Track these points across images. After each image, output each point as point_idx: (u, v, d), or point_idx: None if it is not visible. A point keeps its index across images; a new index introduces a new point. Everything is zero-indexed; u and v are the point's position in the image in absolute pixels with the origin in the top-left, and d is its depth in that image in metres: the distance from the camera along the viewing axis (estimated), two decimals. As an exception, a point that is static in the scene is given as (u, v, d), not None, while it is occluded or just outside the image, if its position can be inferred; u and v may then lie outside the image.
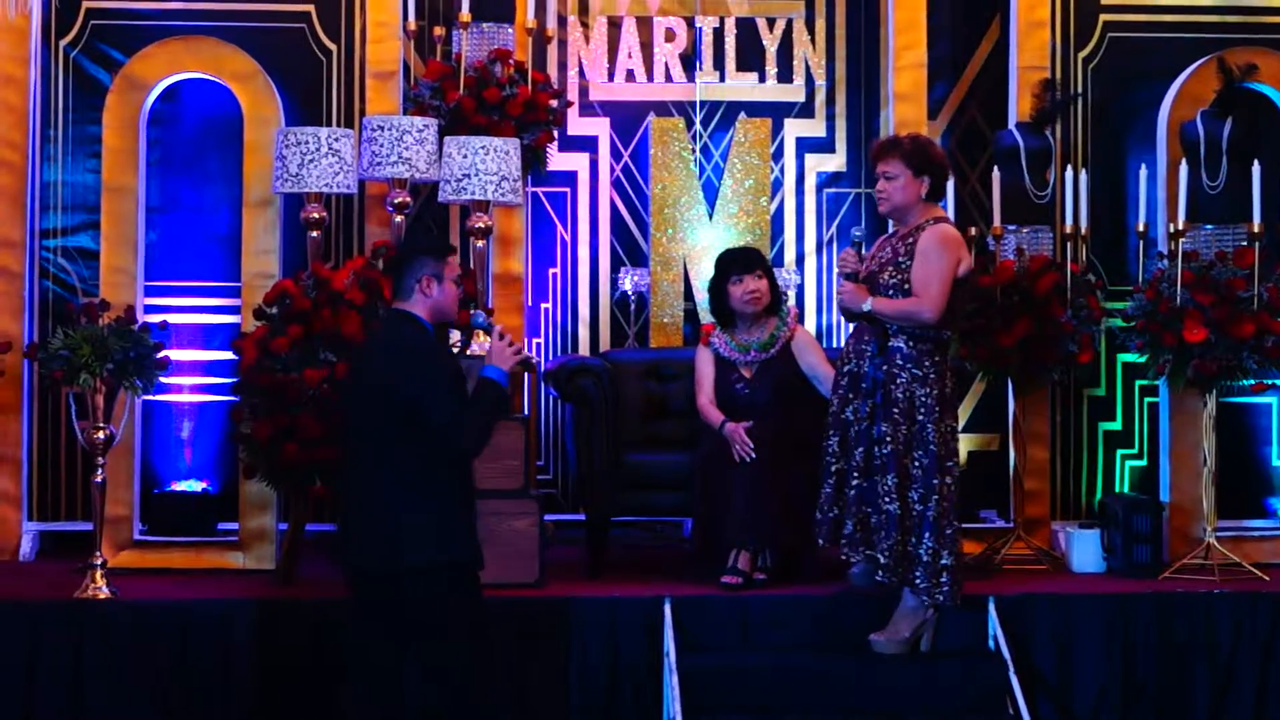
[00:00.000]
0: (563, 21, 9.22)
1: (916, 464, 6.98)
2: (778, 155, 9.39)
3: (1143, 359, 8.20)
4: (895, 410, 6.96)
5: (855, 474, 7.02)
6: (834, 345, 8.99)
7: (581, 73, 9.37)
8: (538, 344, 9.21)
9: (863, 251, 7.17)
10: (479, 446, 6.03)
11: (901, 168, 7.07)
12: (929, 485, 6.97)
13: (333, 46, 9.09)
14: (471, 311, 6.36)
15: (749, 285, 7.85)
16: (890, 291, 6.99)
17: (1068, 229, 8.40)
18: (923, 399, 6.98)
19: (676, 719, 6.79)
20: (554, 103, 8.68)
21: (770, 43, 9.44)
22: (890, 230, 7.29)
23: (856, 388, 7.08)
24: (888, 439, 6.96)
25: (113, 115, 8.34)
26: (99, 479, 7.44)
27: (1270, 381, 8.32)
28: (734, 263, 7.95)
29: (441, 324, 6.35)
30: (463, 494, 6.06)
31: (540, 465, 9.07)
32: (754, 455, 7.54)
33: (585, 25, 9.37)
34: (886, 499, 6.94)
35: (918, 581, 6.96)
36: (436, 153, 8.05)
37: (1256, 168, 7.96)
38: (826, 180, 9.44)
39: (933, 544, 6.95)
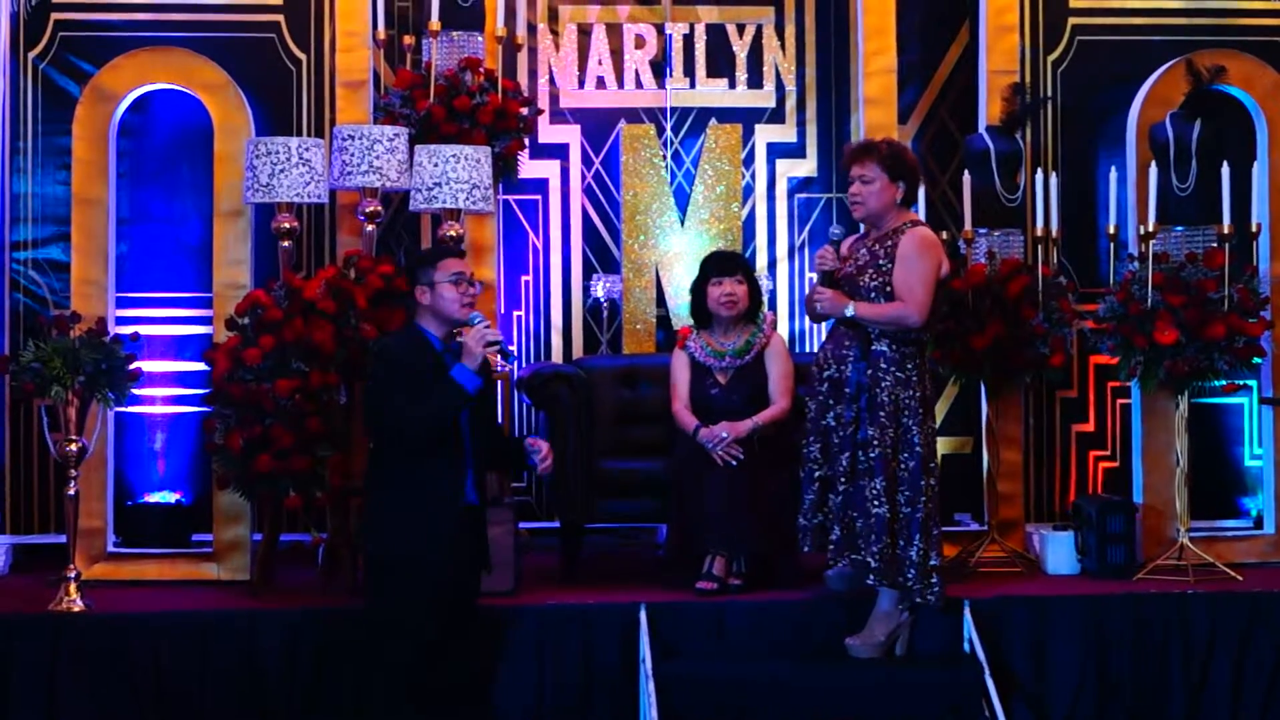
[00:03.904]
0: (532, 29, 9.22)
1: (903, 466, 7.00)
2: (748, 161, 9.40)
3: (1115, 360, 8.22)
4: (881, 414, 6.97)
5: (841, 479, 7.02)
6: (807, 350, 9.01)
7: (552, 80, 9.36)
8: (510, 350, 9.20)
9: (841, 249, 7.18)
10: (422, 443, 6.18)
11: (878, 171, 7.08)
12: (916, 487, 6.99)
13: (302, 56, 9.08)
14: (470, 315, 6.38)
15: (726, 288, 7.86)
16: (872, 294, 7.01)
17: (1038, 232, 8.42)
18: (907, 401, 7.00)
19: (653, 725, 6.81)
20: (524, 110, 8.68)
21: (740, 49, 9.45)
22: (862, 232, 7.29)
23: (838, 393, 7.08)
24: (875, 443, 6.97)
25: (82, 127, 8.31)
26: (72, 491, 7.42)
27: (1241, 382, 8.35)
28: (716, 265, 7.97)
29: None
30: (431, 494, 6.18)
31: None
32: (741, 457, 7.55)
33: (555, 33, 9.36)
34: (875, 502, 6.95)
35: (910, 583, 6.98)
36: (407, 161, 8.05)
37: (1226, 169, 7.99)
38: (797, 185, 9.45)
39: (922, 545, 6.98)
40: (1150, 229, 8.08)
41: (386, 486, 6.20)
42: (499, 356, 6.41)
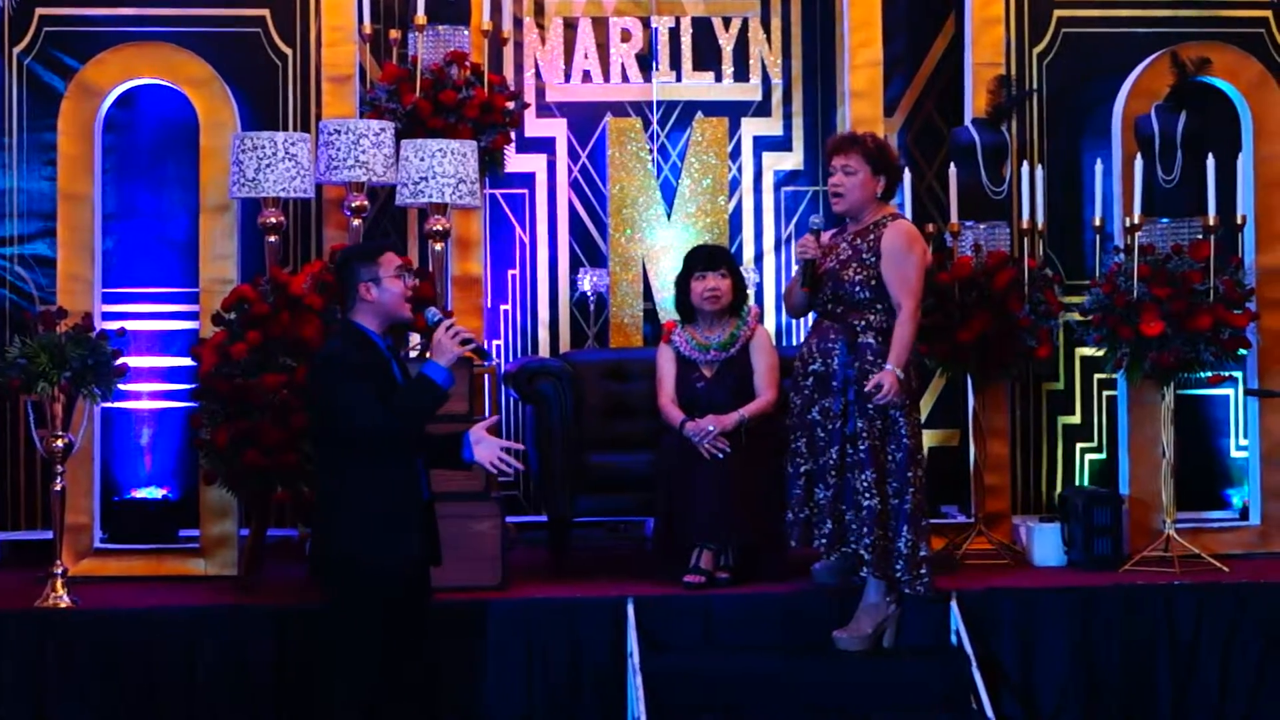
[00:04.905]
0: (518, 23, 9.22)
1: (891, 458, 7.01)
2: (735, 154, 9.40)
3: (1100, 353, 8.23)
4: (869, 406, 6.98)
5: (831, 473, 7.02)
6: (793, 343, 9.01)
7: (538, 74, 9.36)
8: (498, 345, 9.21)
9: (821, 239, 7.20)
10: (402, 446, 6.07)
11: (862, 163, 7.10)
12: (904, 478, 7.00)
13: (288, 50, 9.08)
14: (426, 311, 6.33)
15: (710, 283, 7.87)
16: (857, 289, 7.03)
17: (1024, 224, 8.43)
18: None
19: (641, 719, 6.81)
20: (511, 104, 8.68)
21: (726, 42, 9.45)
22: (842, 226, 7.30)
23: (824, 387, 7.07)
24: (864, 434, 6.98)
25: (68, 122, 8.28)
26: (58, 487, 7.41)
27: (1227, 374, 8.37)
28: (700, 259, 7.97)
29: (398, 326, 6.42)
30: (392, 494, 6.07)
31: (502, 467, 9.04)
32: (728, 450, 7.56)
33: (541, 27, 9.36)
34: (865, 495, 6.96)
35: (898, 574, 6.99)
36: (393, 156, 8.05)
37: (1210, 161, 8.01)
38: (784, 178, 9.46)
39: (911, 536, 6.99)
40: (1136, 221, 8.09)
41: (349, 488, 6.03)
42: (476, 355, 6.31)
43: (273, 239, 8.01)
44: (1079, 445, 9.31)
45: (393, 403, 5.99)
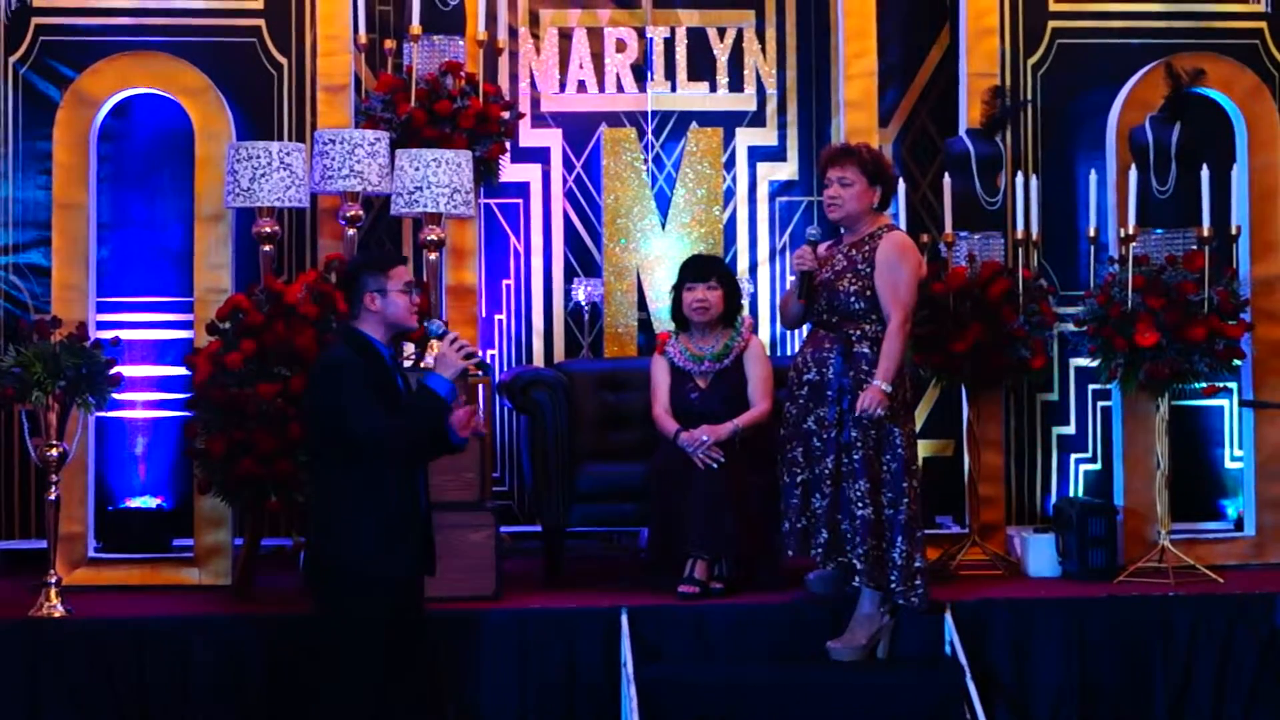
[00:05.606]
0: (514, 33, 9.21)
1: (885, 468, 7.02)
2: (730, 164, 9.40)
3: (1095, 363, 8.23)
4: (864, 416, 6.98)
5: (827, 482, 7.03)
6: (787, 353, 9.00)
7: (533, 84, 9.36)
8: (492, 355, 9.21)
9: (818, 251, 7.20)
10: (402, 455, 6.07)
11: (858, 174, 7.12)
12: (899, 489, 7.01)
13: (283, 60, 9.07)
14: (426, 322, 6.35)
15: (698, 294, 7.88)
16: (852, 299, 7.05)
17: (1019, 235, 8.44)
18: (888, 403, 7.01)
19: (635, 729, 6.81)
20: (505, 114, 8.68)
21: (721, 52, 9.45)
22: (838, 237, 7.31)
23: (820, 396, 7.08)
24: (858, 444, 6.99)
25: (63, 131, 8.28)
26: (53, 496, 7.40)
27: (1221, 384, 8.37)
28: (691, 270, 7.99)
29: (398, 336, 6.43)
30: (391, 504, 6.06)
31: (496, 477, 9.05)
32: (722, 460, 7.55)
33: (536, 37, 9.36)
34: (859, 504, 6.97)
35: (893, 585, 6.99)
36: (388, 166, 8.05)
37: (1205, 172, 8.01)
38: (779, 189, 9.46)
39: (905, 547, 7.00)
40: (1130, 232, 8.11)
41: (345, 497, 6.03)
42: (477, 369, 6.32)
43: (267, 248, 8.01)
44: (1073, 456, 9.30)
45: (398, 413, 6.01)
